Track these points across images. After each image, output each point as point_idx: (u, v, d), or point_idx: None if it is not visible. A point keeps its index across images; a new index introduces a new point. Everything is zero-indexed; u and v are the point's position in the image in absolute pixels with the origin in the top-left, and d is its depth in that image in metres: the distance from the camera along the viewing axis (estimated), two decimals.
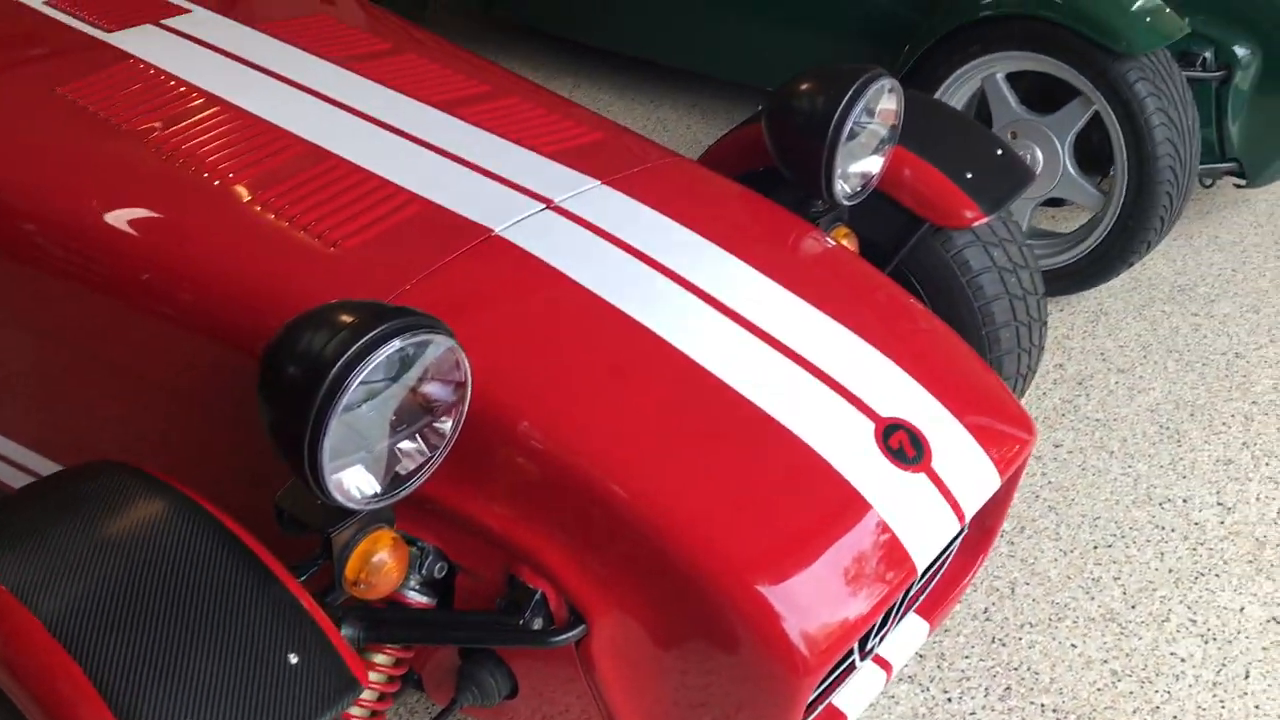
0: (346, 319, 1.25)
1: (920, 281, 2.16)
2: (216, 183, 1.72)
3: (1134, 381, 2.84)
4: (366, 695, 1.50)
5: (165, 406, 1.68)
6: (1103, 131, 2.92)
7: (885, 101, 1.94)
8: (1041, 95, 3.06)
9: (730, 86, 4.34)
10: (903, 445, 1.51)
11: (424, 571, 1.51)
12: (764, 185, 2.04)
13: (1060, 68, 2.89)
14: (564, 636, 1.41)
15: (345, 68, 2.05)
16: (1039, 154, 3.03)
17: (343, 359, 1.21)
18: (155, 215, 1.70)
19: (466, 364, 1.33)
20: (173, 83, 1.95)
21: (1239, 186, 3.26)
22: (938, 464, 1.51)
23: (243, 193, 1.70)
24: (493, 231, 1.65)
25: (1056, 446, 2.62)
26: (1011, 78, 3.05)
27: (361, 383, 1.23)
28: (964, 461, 1.55)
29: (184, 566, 1.18)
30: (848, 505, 1.44)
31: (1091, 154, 3.08)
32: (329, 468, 1.23)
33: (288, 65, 2.03)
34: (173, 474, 1.32)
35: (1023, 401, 2.51)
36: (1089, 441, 2.64)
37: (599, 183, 1.79)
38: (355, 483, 1.28)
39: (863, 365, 1.59)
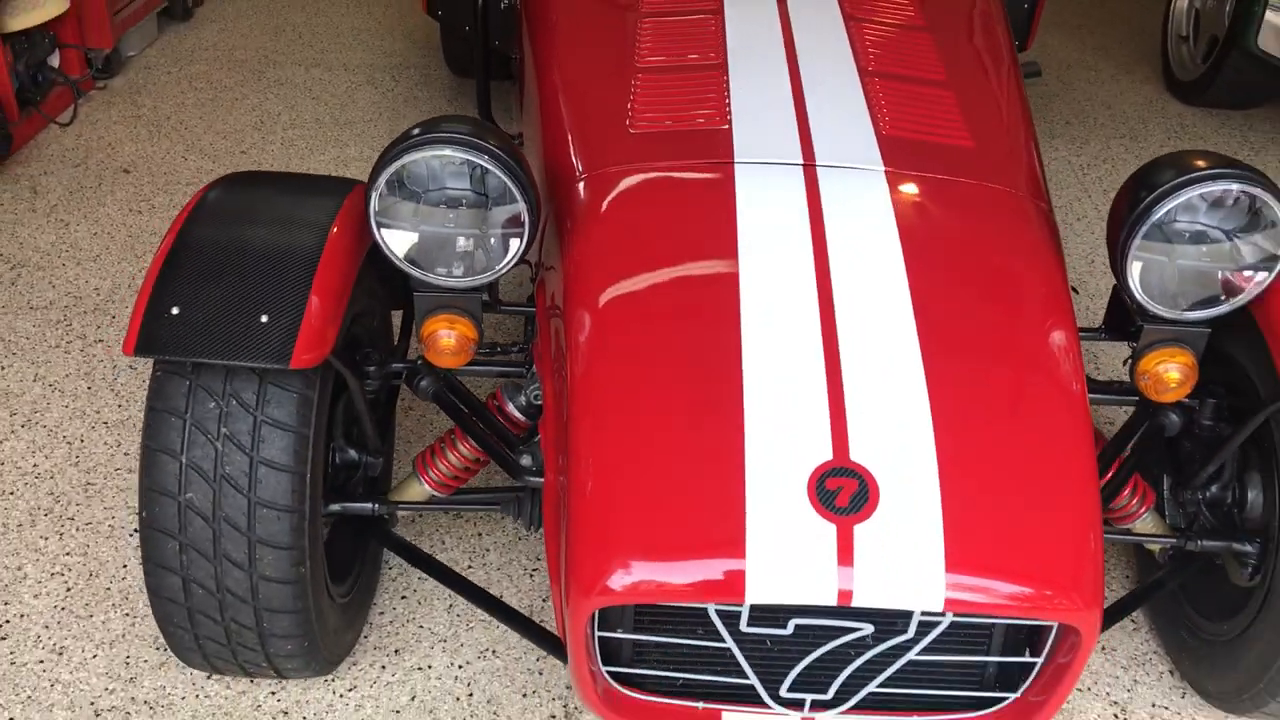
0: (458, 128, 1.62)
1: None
2: (634, 58, 2.07)
3: None
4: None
5: None
6: None
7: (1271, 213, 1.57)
8: None
9: None
10: (841, 490, 1.37)
11: (526, 397, 1.84)
12: None
13: None
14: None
15: (848, 14, 2.19)
16: None
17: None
18: (574, 60, 2.15)
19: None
20: None
21: None
22: (866, 534, 1.35)
23: (630, 70, 2.03)
24: (730, 164, 1.77)
25: None
26: None
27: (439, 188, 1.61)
28: (908, 556, 1.35)
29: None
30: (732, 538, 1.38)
31: None
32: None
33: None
34: None
35: None
36: None
37: (882, 170, 1.77)
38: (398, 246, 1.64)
39: (896, 408, 1.45)
